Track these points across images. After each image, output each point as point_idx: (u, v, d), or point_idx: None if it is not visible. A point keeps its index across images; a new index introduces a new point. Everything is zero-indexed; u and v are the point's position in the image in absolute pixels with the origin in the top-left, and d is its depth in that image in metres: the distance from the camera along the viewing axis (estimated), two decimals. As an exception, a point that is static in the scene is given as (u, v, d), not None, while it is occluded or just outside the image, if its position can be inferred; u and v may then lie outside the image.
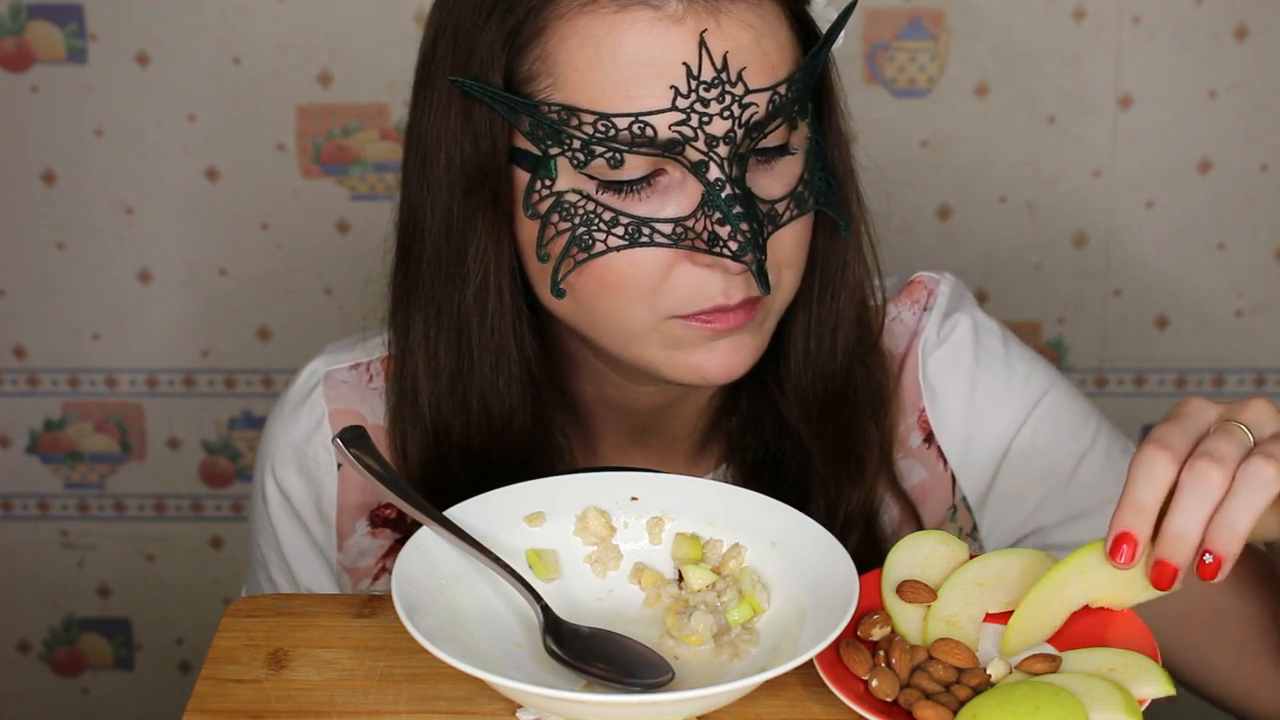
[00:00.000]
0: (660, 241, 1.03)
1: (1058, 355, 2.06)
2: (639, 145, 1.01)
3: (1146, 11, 1.94)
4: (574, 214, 1.03)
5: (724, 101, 1.01)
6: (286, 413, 1.24)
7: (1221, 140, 1.98)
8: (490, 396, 1.11)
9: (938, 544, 0.99)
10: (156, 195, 2.01)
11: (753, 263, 1.01)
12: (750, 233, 1.01)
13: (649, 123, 1.01)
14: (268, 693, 0.92)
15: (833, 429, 1.16)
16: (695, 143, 1.01)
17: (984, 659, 0.92)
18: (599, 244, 1.03)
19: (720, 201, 1.02)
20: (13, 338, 2.07)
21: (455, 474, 1.13)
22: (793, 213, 1.06)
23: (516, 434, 1.13)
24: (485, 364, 1.11)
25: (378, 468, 0.99)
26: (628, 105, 1.01)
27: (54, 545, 2.15)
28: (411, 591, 0.91)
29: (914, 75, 1.97)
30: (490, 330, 1.10)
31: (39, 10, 1.95)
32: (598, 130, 1.01)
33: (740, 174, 1.02)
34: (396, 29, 1.94)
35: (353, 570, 1.22)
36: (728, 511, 1.01)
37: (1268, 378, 2.07)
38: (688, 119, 1.01)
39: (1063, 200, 2.00)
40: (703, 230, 1.02)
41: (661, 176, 1.03)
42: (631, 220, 1.03)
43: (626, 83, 1.01)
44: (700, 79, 1.01)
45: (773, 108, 1.03)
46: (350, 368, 1.23)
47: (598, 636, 0.93)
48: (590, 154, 1.02)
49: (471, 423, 1.12)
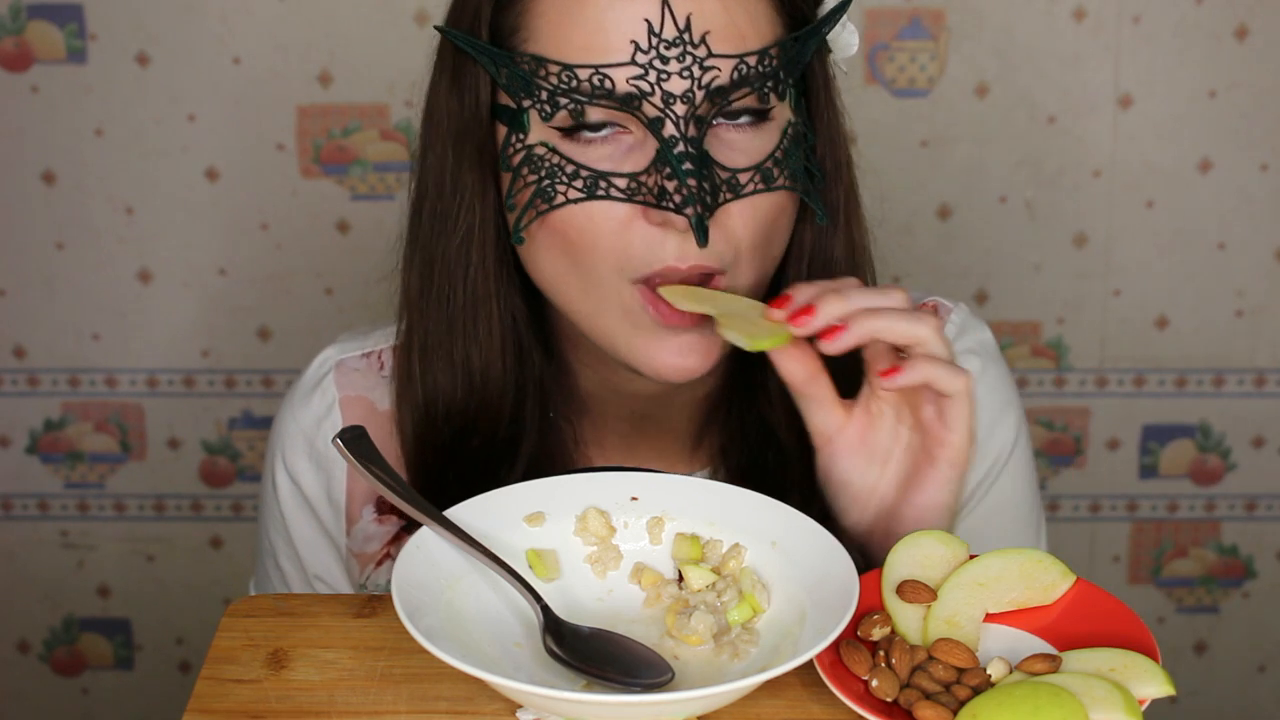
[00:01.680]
0: (615, 195, 1.05)
1: (1057, 355, 2.06)
2: (598, 97, 1.04)
3: (1146, 11, 1.94)
4: (540, 166, 1.07)
5: (684, 61, 1.04)
6: (297, 400, 1.25)
7: (1221, 140, 1.98)
8: (472, 350, 1.14)
9: (938, 544, 0.99)
10: (156, 195, 2.01)
11: (693, 216, 1.02)
12: (696, 190, 1.03)
13: (608, 75, 1.04)
14: (268, 693, 0.92)
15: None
16: (652, 98, 1.04)
17: (984, 659, 0.92)
18: (560, 195, 1.06)
19: (671, 157, 1.03)
20: (13, 338, 2.07)
21: (446, 447, 1.15)
22: (756, 185, 1.07)
23: (497, 393, 1.15)
24: (468, 316, 1.14)
25: (378, 468, 0.99)
26: (589, 57, 1.04)
27: (54, 545, 2.15)
28: (411, 591, 0.91)
29: (914, 75, 1.97)
30: (474, 283, 1.13)
31: (39, 10, 1.95)
32: (561, 81, 1.04)
33: (699, 136, 1.04)
34: (396, 29, 1.94)
35: (360, 555, 1.23)
36: (728, 511, 1.01)
37: (1268, 378, 2.07)
38: (645, 74, 1.03)
39: (1063, 200, 2.00)
40: (654, 185, 1.04)
41: (625, 135, 1.06)
42: (591, 174, 1.05)
43: (589, 35, 1.04)
44: (661, 37, 1.03)
45: (738, 76, 1.05)
46: (362, 355, 1.25)
47: (598, 636, 0.93)
48: (555, 105, 1.05)
49: (457, 381, 1.15)
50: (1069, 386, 2.08)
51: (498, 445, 1.16)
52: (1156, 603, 2.17)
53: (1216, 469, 2.11)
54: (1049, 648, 0.93)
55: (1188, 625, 2.18)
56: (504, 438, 1.16)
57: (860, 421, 1.07)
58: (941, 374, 1.01)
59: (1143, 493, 2.13)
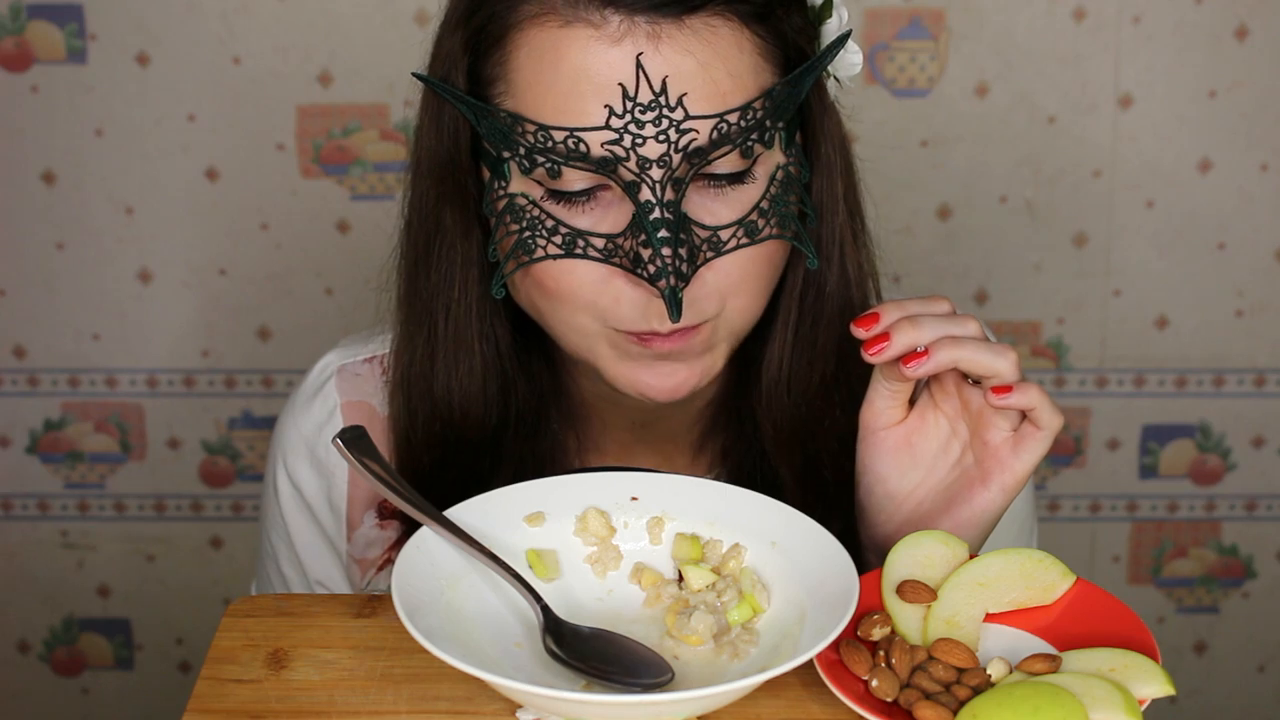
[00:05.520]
0: (593, 255, 1.04)
1: (1057, 355, 2.06)
2: (574, 160, 1.02)
3: (1146, 11, 1.94)
4: (521, 217, 1.05)
5: (660, 125, 1.02)
6: (299, 406, 1.25)
7: (1221, 140, 1.98)
8: (453, 386, 1.14)
9: (938, 544, 0.99)
10: (156, 195, 2.01)
11: (666, 289, 1.01)
12: (672, 259, 1.01)
13: (583, 138, 1.02)
14: (268, 693, 0.92)
15: (803, 458, 1.16)
16: (627, 163, 1.02)
17: (984, 659, 0.92)
18: (539, 249, 1.05)
19: (646, 224, 1.02)
20: (13, 338, 2.07)
21: (426, 473, 1.15)
22: (739, 240, 1.05)
23: (475, 428, 1.14)
24: (449, 352, 1.13)
25: (378, 468, 0.99)
26: (564, 119, 1.02)
27: (54, 545, 2.15)
28: (411, 591, 0.91)
29: (914, 75, 1.97)
30: (456, 320, 1.13)
31: (39, 10, 1.95)
32: (538, 140, 1.03)
33: (676, 199, 1.02)
34: (396, 29, 1.94)
35: (361, 561, 1.23)
36: (728, 511, 1.01)
37: (1268, 378, 2.07)
38: (620, 139, 1.01)
39: (1063, 200, 2.00)
40: (630, 249, 1.03)
41: (605, 192, 1.04)
42: (569, 231, 1.04)
43: (565, 97, 1.02)
44: (636, 101, 1.01)
45: (718, 135, 1.02)
46: (364, 361, 1.25)
47: (598, 636, 0.93)
48: (533, 162, 1.03)
49: (437, 412, 1.15)
50: (1069, 386, 2.08)
51: (478, 472, 1.15)
52: (1156, 603, 2.17)
53: (1216, 469, 2.11)
54: (1049, 648, 0.93)
55: (1188, 625, 2.18)
56: (484, 464, 1.15)
57: (913, 424, 1.08)
58: (1045, 408, 1.03)
59: (1143, 493, 2.13)
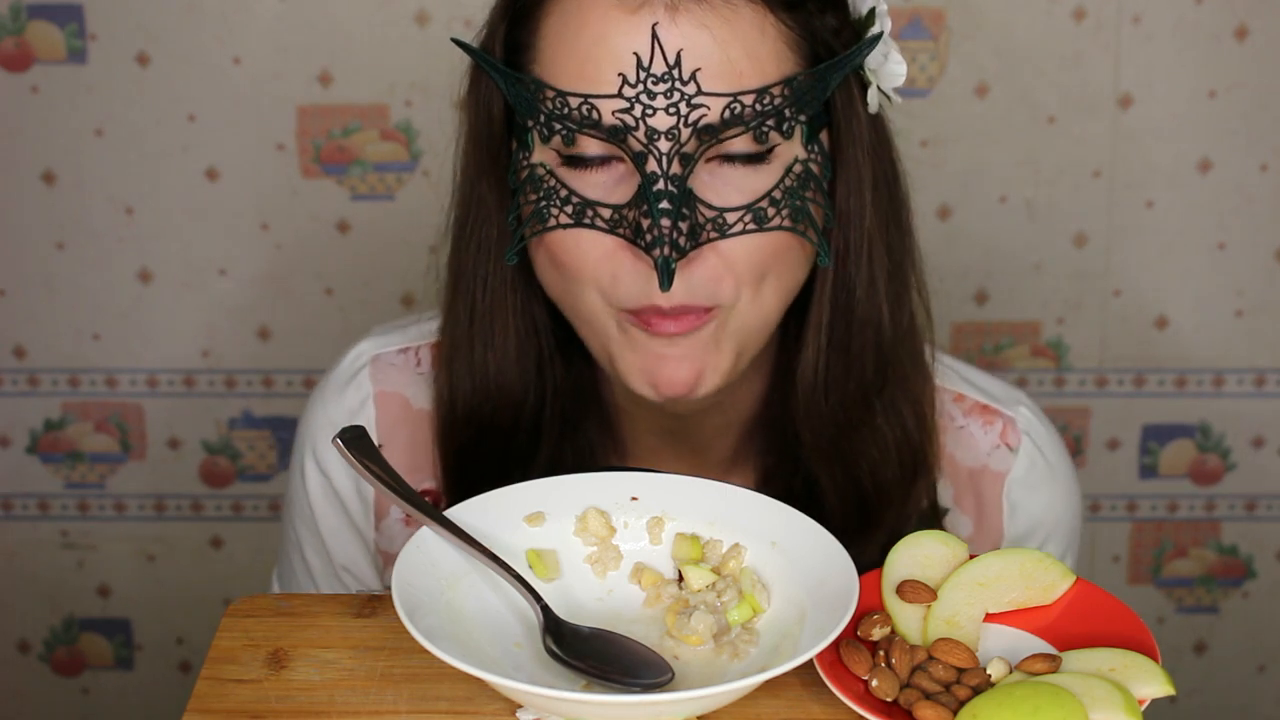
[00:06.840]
0: (599, 225, 1.05)
1: (1057, 355, 2.06)
2: (587, 127, 1.03)
3: (1146, 11, 1.94)
4: (539, 187, 1.06)
5: (671, 97, 1.02)
6: (329, 393, 1.24)
7: (1221, 140, 1.98)
8: (489, 356, 1.15)
9: (938, 544, 0.99)
10: (156, 195, 2.01)
11: (659, 257, 1.02)
12: (670, 230, 1.02)
13: (595, 105, 1.03)
14: (268, 693, 0.92)
15: (842, 467, 1.15)
16: (636, 132, 1.03)
17: (984, 659, 0.92)
18: (552, 219, 1.06)
19: (649, 194, 1.03)
20: (13, 338, 2.07)
21: (467, 450, 1.16)
22: (747, 225, 1.05)
23: (512, 400, 1.15)
24: (486, 323, 1.14)
25: (377, 468, 0.99)
26: (579, 85, 1.04)
27: (54, 545, 2.15)
28: (411, 591, 0.91)
29: (914, 75, 1.97)
30: (493, 292, 1.14)
31: (39, 10, 1.95)
32: (556, 106, 1.04)
33: (683, 174, 1.03)
34: (396, 29, 1.94)
35: (385, 554, 1.23)
36: (728, 511, 1.01)
37: (1268, 378, 2.07)
38: (631, 108, 1.02)
39: (1063, 200, 2.00)
40: (633, 220, 1.04)
41: (619, 164, 1.05)
42: (580, 201, 1.05)
43: (582, 63, 1.04)
44: (650, 71, 1.02)
45: (730, 115, 1.03)
46: (399, 351, 1.25)
47: (598, 637, 0.93)
48: (551, 129, 1.05)
49: (474, 384, 1.15)
50: (1069, 386, 2.08)
51: (515, 453, 1.15)
52: (1156, 603, 2.17)
53: (1216, 469, 2.11)
54: (1049, 648, 0.93)
55: (1188, 625, 2.18)
56: (522, 445, 1.15)
57: None
58: None
59: (1142, 493, 2.13)
